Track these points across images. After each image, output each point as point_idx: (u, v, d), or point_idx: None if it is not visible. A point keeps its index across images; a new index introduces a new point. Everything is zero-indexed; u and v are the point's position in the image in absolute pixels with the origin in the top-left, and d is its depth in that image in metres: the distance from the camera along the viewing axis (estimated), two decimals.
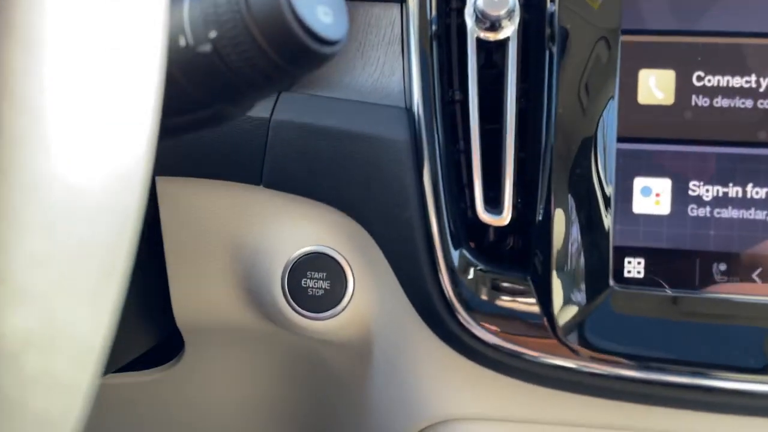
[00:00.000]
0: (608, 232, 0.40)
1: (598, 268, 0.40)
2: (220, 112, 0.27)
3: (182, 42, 0.24)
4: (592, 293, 0.40)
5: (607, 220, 0.40)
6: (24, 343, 0.14)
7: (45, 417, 0.15)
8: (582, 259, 0.40)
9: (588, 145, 0.40)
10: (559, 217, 0.40)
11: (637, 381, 0.40)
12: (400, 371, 0.47)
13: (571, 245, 0.40)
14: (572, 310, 0.40)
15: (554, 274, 0.40)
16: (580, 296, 0.40)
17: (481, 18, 0.40)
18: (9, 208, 0.13)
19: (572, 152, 0.40)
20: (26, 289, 0.13)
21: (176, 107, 0.27)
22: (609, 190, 0.40)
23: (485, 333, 0.40)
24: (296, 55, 0.24)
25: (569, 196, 0.40)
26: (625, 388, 0.41)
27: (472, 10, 0.41)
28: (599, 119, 0.40)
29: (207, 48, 0.24)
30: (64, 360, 0.15)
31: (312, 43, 0.24)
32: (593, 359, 0.40)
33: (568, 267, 0.40)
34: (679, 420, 0.42)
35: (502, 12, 0.40)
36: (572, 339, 0.40)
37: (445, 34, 0.44)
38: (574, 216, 0.40)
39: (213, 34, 0.24)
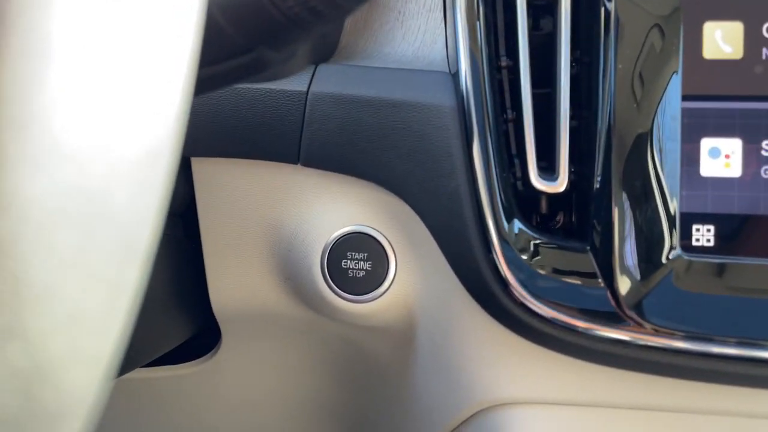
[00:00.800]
0: (674, 198, 0.37)
1: (664, 236, 0.37)
2: (261, 58, 0.25)
3: None
4: (657, 264, 0.37)
5: (673, 185, 0.37)
6: (56, 214, 0.12)
7: (82, 308, 0.13)
8: (646, 228, 0.37)
9: (650, 105, 0.37)
10: (618, 184, 0.38)
11: (708, 356, 0.37)
12: (448, 354, 0.45)
13: (634, 213, 0.37)
14: (636, 283, 0.37)
15: (616, 244, 0.37)
16: (645, 267, 0.37)
17: None
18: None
19: (632, 113, 0.37)
20: (50, 139, 0.11)
21: (212, 53, 0.25)
22: (674, 153, 0.37)
23: (545, 308, 0.38)
24: None
25: (630, 161, 0.38)
26: (693, 365, 0.38)
27: None
28: (662, 78, 0.37)
29: None
30: (104, 246, 0.13)
31: None
32: (660, 334, 0.37)
33: (632, 236, 0.37)
34: (757, 399, 0.39)
35: None
36: (638, 313, 0.37)
37: None
38: (635, 182, 0.37)
39: None
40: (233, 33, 0.24)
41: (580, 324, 0.38)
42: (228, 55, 0.25)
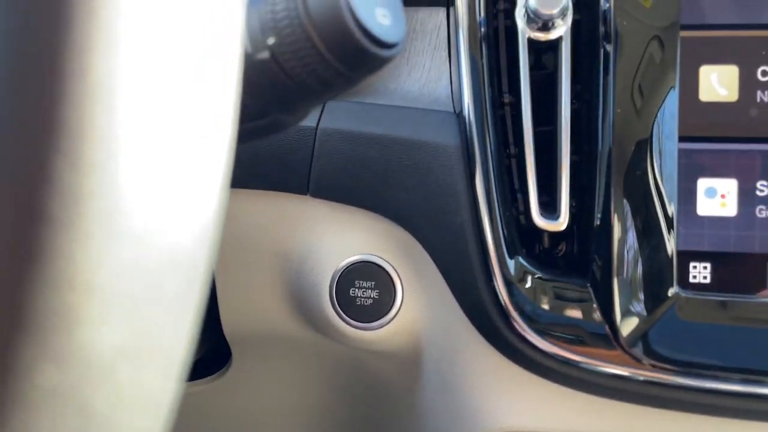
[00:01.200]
0: (672, 236, 0.38)
1: (662, 273, 0.38)
2: (276, 121, 0.26)
3: None
4: (655, 300, 0.38)
5: (670, 224, 0.38)
6: (116, 356, 0.13)
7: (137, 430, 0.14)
8: (644, 265, 0.38)
9: (648, 145, 0.39)
10: (618, 221, 0.39)
11: (705, 391, 0.38)
12: (452, 381, 0.46)
13: (633, 250, 0.39)
14: (636, 319, 0.38)
15: (615, 281, 0.38)
16: (644, 304, 0.38)
17: (534, 18, 0.39)
18: (97, 212, 0.13)
19: (631, 153, 0.39)
20: (116, 298, 0.13)
21: None
22: (671, 192, 0.38)
23: (545, 343, 0.39)
24: (356, 59, 0.23)
25: (629, 199, 0.39)
26: (692, 399, 0.39)
27: (523, 11, 0.40)
28: (659, 118, 0.39)
29: (265, 55, 0.23)
30: (154, 373, 0.14)
31: (372, 47, 0.23)
32: (658, 369, 0.38)
33: (630, 273, 0.38)
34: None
35: (556, 11, 0.39)
36: (637, 348, 0.38)
37: (494, 36, 0.43)
38: (634, 220, 0.39)
39: (271, 41, 0.23)
40: (249, 100, 0.25)
41: (580, 359, 0.39)
42: (245, 119, 0.26)
